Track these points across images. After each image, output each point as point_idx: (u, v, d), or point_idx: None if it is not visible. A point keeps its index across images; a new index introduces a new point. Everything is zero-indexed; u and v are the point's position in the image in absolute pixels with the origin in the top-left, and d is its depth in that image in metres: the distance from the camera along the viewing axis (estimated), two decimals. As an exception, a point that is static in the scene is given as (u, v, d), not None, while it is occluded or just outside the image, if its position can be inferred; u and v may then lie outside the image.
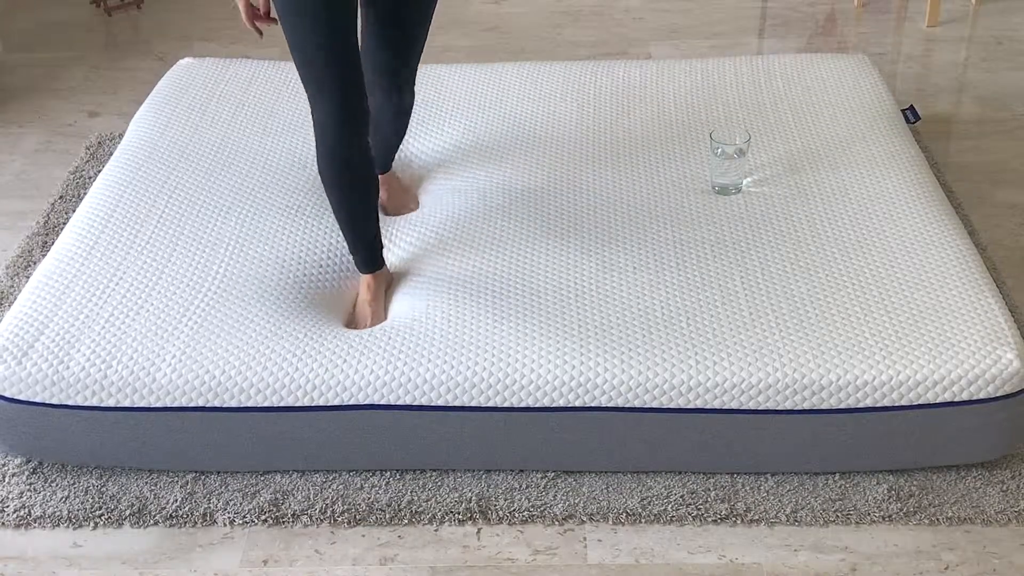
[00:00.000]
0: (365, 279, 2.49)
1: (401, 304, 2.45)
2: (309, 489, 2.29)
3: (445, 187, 2.87)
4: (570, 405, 2.21)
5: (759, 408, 2.20)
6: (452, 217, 2.68)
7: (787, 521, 2.22)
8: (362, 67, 2.34)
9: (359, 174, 2.40)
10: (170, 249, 2.55)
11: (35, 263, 2.95)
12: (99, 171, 3.24)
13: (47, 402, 2.24)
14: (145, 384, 2.23)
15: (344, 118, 2.32)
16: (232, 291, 2.43)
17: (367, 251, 2.47)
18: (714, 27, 4.34)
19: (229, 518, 2.24)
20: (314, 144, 2.91)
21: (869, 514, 2.22)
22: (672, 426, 2.23)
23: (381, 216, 2.68)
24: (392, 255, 2.61)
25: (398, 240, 2.65)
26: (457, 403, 2.22)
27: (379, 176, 2.77)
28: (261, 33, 2.30)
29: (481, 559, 2.17)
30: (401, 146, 2.91)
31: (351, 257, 2.53)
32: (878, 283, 2.40)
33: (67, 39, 4.33)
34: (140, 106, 3.20)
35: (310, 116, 3.05)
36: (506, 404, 2.21)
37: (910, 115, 3.24)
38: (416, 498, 2.27)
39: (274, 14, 2.30)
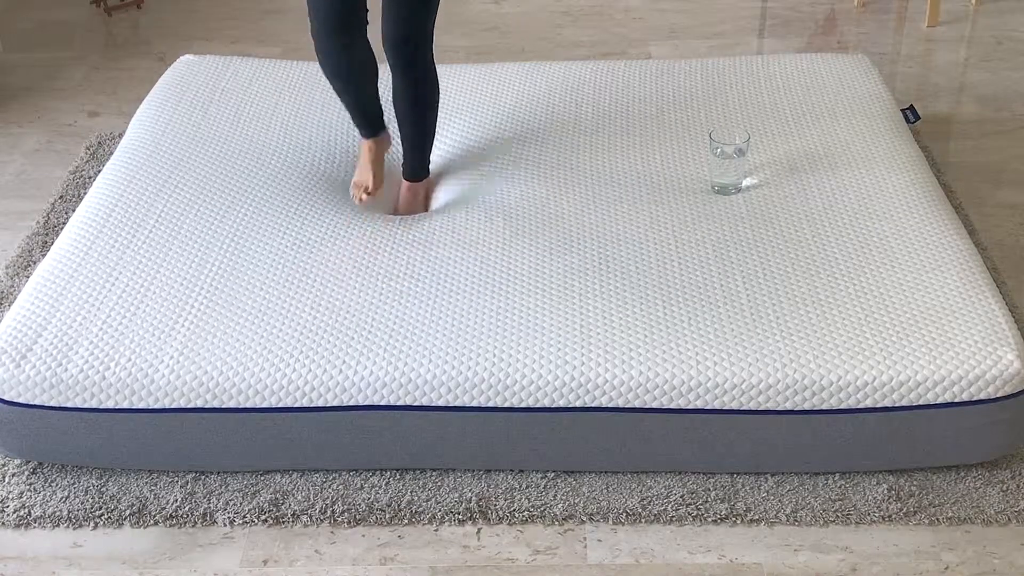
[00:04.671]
0: (364, 143, 2.80)
1: (405, 304, 2.45)
2: (309, 489, 2.29)
3: (443, 187, 2.87)
4: (570, 405, 2.21)
5: (759, 408, 2.20)
6: (451, 217, 2.68)
7: (787, 521, 2.22)
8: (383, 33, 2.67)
9: (345, 68, 2.68)
10: (169, 249, 2.55)
11: (35, 263, 2.95)
12: (99, 171, 3.24)
13: (46, 404, 2.24)
14: (144, 385, 2.23)
15: (329, 25, 2.61)
16: (231, 291, 2.43)
17: (363, 122, 2.78)
18: (714, 27, 4.34)
19: (229, 518, 2.24)
20: (314, 144, 2.95)
21: (869, 514, 2.22)
22: (672, 426, 2.23)
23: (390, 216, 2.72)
24: (393, 256, 2.61)
25: (399, 240, 2.65)
26: (457, 403, 2.22)
27: (405, 183, 2.89)
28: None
29: (481, 559, 2.17)
30: (397, 145, 2.91)
31: (347, 244, 2.54)
32: (878, 283, 2.40)
33: (67, 39, 4.33)
34: (140, 105, 3.20)
35: (311, 115, 3.09)
36: (506, 404, 2.21)
37: (910, 115, 3.24)
38: (416, 498, 2.27)
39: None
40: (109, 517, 2.25)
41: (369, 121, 2.77)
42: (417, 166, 2.85)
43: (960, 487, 2.27)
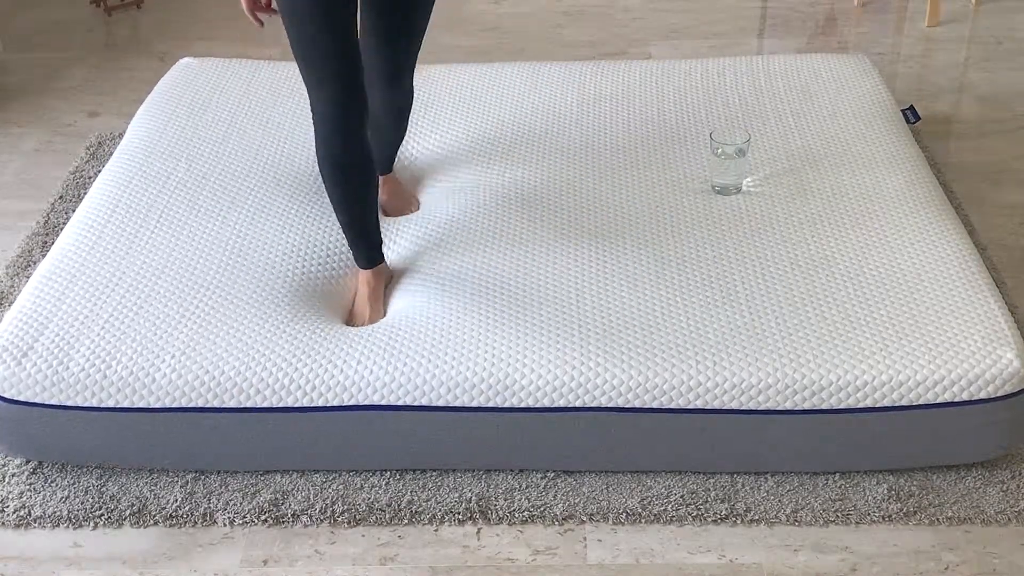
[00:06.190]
0: (364, 275, 2.50)
1: (400, 302, 2.45)
2: (309, 489, 2.29)
3: (445, 187, 2.87)
4: (570, 405, 2.21)
5: (759, 408, 2.20)
6: (452, 217, 2.68)
7: (787, 521, 2.22)
8: (362, 64, 2.35)
9: (358, 168, 2.41)
10: (170, 249, 2.55)
11: (35, 263, 2.95)
12: (99, 171, 3.24)
13: (47, 403, 2.24)
14: (145, 384, 2.23)
15: (343, 111, 2.33)
16: (232, 291, 2.43)
17: (366, 247, 2.49)
18: (714, 27, 4.34)
19: (229, 518, 2.24)
20: (313, 144, 2.93)
21: (869, 514, 2.22)
22: (672, 426, 2.23)
23: (381, 217, 2.68)
24: (392, 255, 2.61)
25: (398, 240, 2.65)
26: (457, 403, 2.22)
27: (380, 177, 2.77)
28: (262, 23, 2.28)
29: (481, 559, 2.17)
30: (401, 146, 2.90)
31: (351, 253, 2.53)
32: (878, 283, 2.40)
33: (67, 39, 4.33)
34: (140, 106, 3.20)
35: (310, 116, 3.07)
36: (506, 404, 2.21)
37: (910, 115, 3.24)
38: (416, 498, 2.27)
39: (275, 5, 2.30)
40: (109, 517, 2.25)
41: (371, 243, 2.49)
42: (390, 161, 2.82)
43: (960, 487, 2.27)
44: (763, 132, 2.96)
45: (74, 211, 3.05)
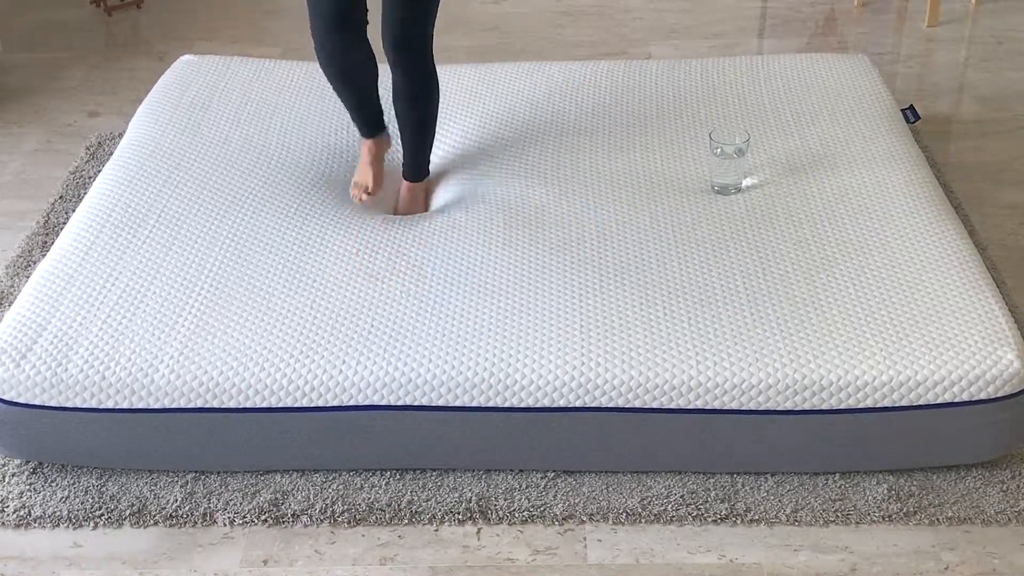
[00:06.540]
0: (364, 143, 2.81)
1: (405, 304, 2.45)
2: (309, 489, 2.29)
3: (442, 187, 2.87)
4: (570, 405, 2.21)
5: (759, 408, 2.20)
6: (450, 216, 2.68)
7: (787, 521, 2.22)
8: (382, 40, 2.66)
9: (345, 67, 2.70)
10: (169, 249, 2.55)
11: (35, 263, 2.95)
12: (99, 171, 3.24)
13: (46, 404, 2.24)
14: (144, 385, 2.23)
15: (330, 23, 2.61)
16: (231, 291, 2.43)
17: (362, 121, 2.80)
18: (714, 27, 4.34)
19: (229, 518, 2.24)
20: (313, 143, 2.95)
21: (869, 514, 2.23)
22: (672, 426, 2.23)
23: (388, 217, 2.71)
24: (392, 256, 2.61)
25: (399, 240, 2.64)
26: (457, 403, 2.22)
27: (404, 183, 2.87)
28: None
29: (481, 559, 2.17)
30: (397, 146, 2.90)
31: (351, 252, 2.53)
32: (878, 283, 2.40)
33: (67, 39, 4.33)
34: (140, 106, 3.19)
35: (312, 115, 3.09)
36: (506, 404, 2.21)
37: (910, 115, 3.24)
38: (416, 498, 2.27)
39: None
40: (109, 517, 2.25)
41: (368, 121, 2.79)
42: (417, 166, 2.85)
43: (960, 487, 2.27)
44: (763, 132, 2.96)
45: (74, 211, 3.04)
